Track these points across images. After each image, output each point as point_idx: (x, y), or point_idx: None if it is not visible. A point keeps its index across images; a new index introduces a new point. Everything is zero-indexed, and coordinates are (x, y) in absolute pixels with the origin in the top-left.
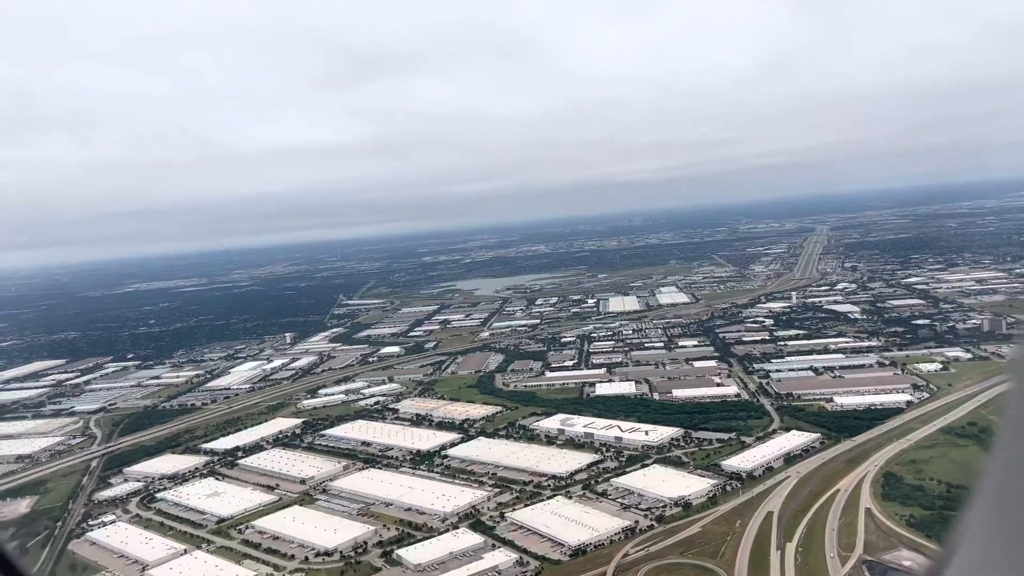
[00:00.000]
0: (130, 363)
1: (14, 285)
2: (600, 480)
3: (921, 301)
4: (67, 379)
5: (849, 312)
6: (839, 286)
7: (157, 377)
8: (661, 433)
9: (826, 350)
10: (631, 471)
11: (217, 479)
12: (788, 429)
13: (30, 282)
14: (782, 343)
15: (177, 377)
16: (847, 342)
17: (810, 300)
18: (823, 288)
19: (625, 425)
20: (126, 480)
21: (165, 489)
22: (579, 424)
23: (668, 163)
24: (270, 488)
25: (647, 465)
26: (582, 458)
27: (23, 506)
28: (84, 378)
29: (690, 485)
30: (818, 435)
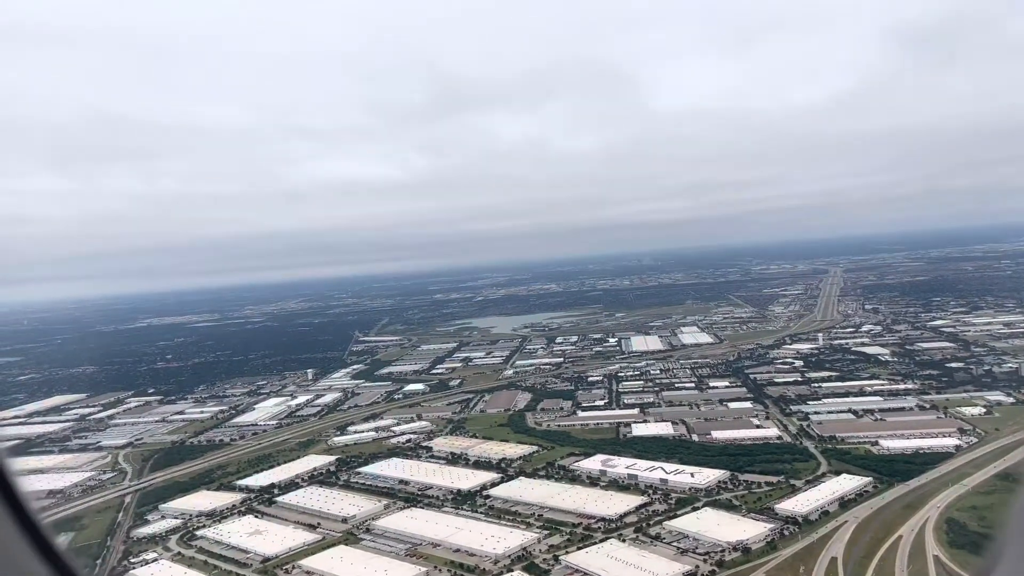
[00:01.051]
0: (152, 398)
1: (27, 319)
2: (651, 523)
3: (950, 344)
4: (90, 413)
5: (879, 354)
6: (864, 328)
7: (181, 412)
8: (707, 475)
9: (861, 392)
10: (682, 514)
11: (256, 517)
12: (837, 473)
13: (43, 316)
14: (816, 385)
15: (201, 413)
16: (882, 385)
17: (836, 342)
18: (848, 330)
19: (668, 467)
20: (163, 517)
21: (204, 527)
22: (621, 465)
23: (694, 203)
24: (312, 527)
25: (698, 508)
26: (629, 500)
27: (60, 542)
28: (107, 413)
29: (747, 529)
30: (870, 479)
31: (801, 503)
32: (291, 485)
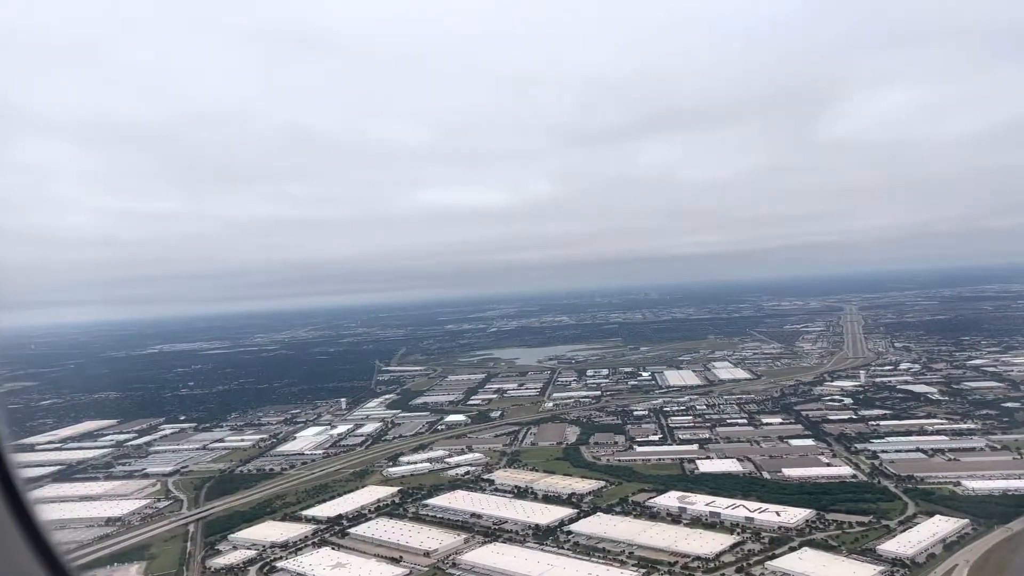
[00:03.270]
0: (185, 425)
1: (33, 343)
2: (751, 563)
3: (998, 384)
4: (125, 440)
5: (927, 393)
6: (902, 366)
7: (220, 440)
8: (793, 514)
9: (923, 431)
10: (780, 554)
11: (333, 549)
12: (929, 514)
13: (49, 341)
14: (872, 423)
15: (242, 441)
16: (942, 424)
17: (879, 379)
18: (886, 368)
19: (750, 504)
20: (235, 547)
21: (281, 558)
22: (700, 502)
23: (718, 238)
24: (394, 560)
25: (795, 548)
26: (720, 538)
27: (133, 572)
28: (144, 439)
29: (857, 571)
30: (966, 520)
31: (903, 545)
32: (358, 516)
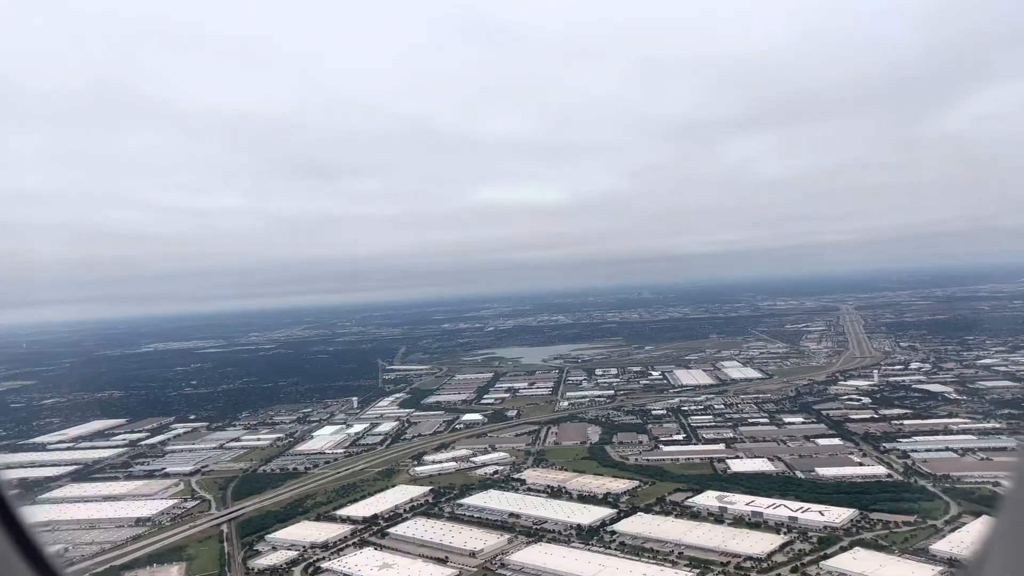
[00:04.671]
0: (197, 424)
1: (24, 342)
2: (805, 563)
3: (1012, 383)
4: (139, 439)
5: (943, 392)
6: (912, 365)
7: (236, 439)
8: (836, 513)
9: (948, 431)
10: (832, 554)
11: (376, 549)
12: (975, 514)
13: (38, 339)
14: (896, 422)
15: (258, 440)
16: (966, 423)
17: (892, 379)
18: (897, 367)
19: (792, 504)
20: (274, 548)
21: (324, 559)
22: (740, 502)
23: (730, 237)
24: (440, 561)
25: (845, 548)
26: (769, 538)
27: (174, 573)
28: (157, 439)
29: (915, 572)
30: None
31: (956, 544)
32: (394, 516)
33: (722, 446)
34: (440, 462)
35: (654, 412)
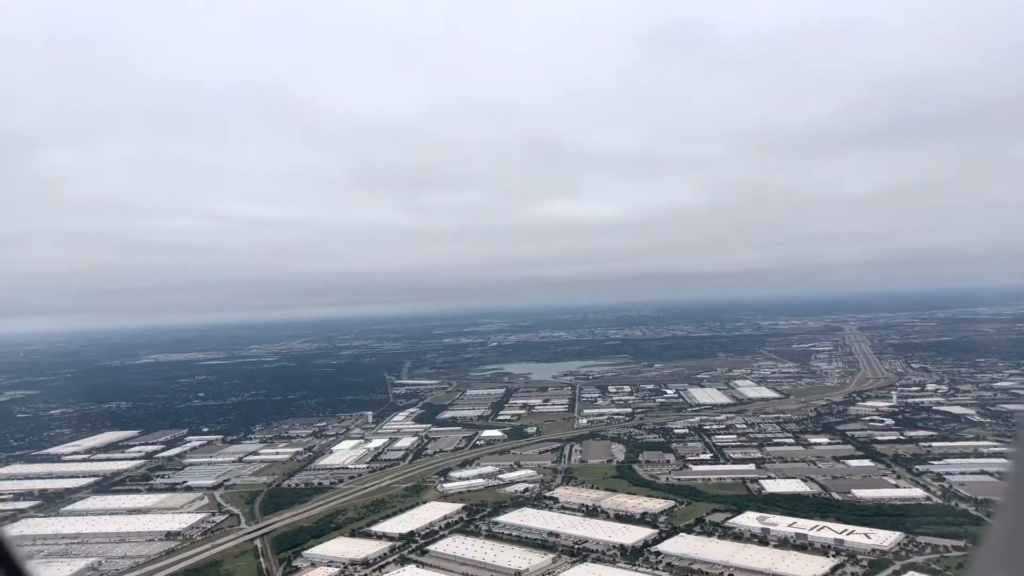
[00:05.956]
0: (212, 437)
1: (22, 351)
2: None
3: None
4: (155, 451)
5: (965, 415)
6: (929, 387)
7: (255, 453)
8: (882, 536)
9: (977, 453)
10: None
11: (418, 567)
12: None
13: (35, 349)
14: (924, 444)
15: (277, 454)
16: (994, 446)
17: (911, 400)
18: (913, 389)
19: (835, 526)
20: (312, 564)
21: None
22: (781, 523)
23: (760, 256)
24: None
25: (899, 573)
26: (819, 560)
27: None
28: (174, 451)
29: None
30: None
31: None
32: (431, 534)
33: (751, 466)
34: (467, 479)
35: (676, 431)
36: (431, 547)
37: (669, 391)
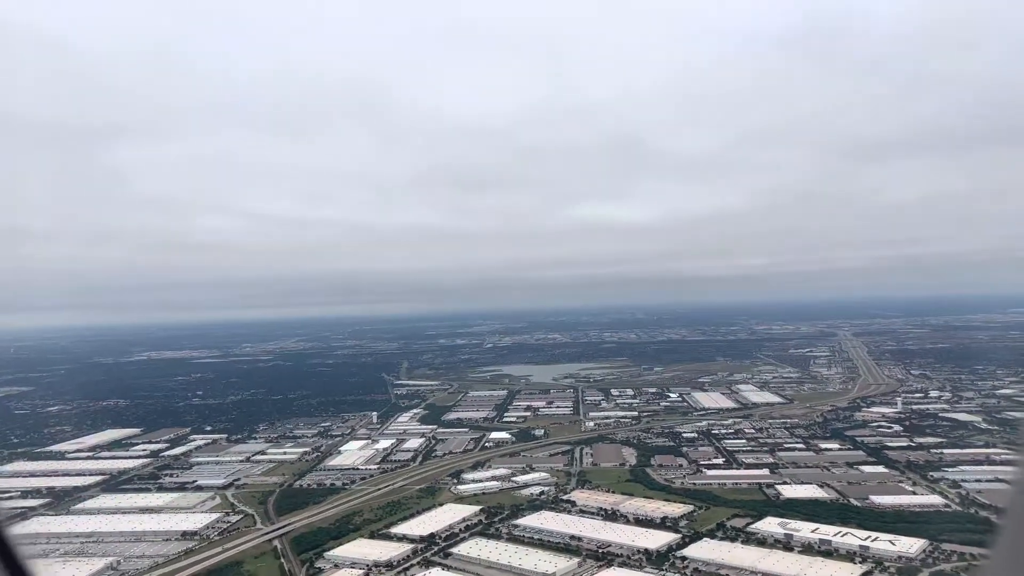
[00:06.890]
0: (216, 436)
1: (12, 347)
2: None
3: None
4: (159, 450)
5: (972, 422)
6: (932, 394)
7: (262, 453)
8: (907, 544)
9: (989, 460)
10: None
11: (443, 570)
12: None
13: (27, 345)
14: (934, 451)
15: (285, 454)
16: (1005, 453)
17: (915, 407)
18: (917, 395)
19: (859, 533)
20: (335, 566)
21: None
22: (804, 529)
23: (765, 260)
24: None
25: None
26: (847, 568)
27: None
28: (177, 450)
29: None
30: None
31: None
32: (451, 536)
33: (765, 471)
34: (480, 481)
35: (685, 435)
36: (454, 550)
37: (673, 395)
